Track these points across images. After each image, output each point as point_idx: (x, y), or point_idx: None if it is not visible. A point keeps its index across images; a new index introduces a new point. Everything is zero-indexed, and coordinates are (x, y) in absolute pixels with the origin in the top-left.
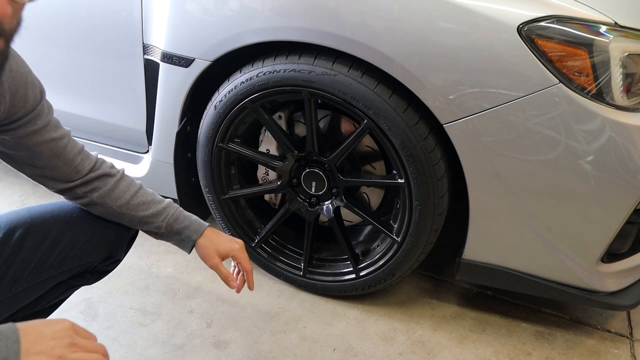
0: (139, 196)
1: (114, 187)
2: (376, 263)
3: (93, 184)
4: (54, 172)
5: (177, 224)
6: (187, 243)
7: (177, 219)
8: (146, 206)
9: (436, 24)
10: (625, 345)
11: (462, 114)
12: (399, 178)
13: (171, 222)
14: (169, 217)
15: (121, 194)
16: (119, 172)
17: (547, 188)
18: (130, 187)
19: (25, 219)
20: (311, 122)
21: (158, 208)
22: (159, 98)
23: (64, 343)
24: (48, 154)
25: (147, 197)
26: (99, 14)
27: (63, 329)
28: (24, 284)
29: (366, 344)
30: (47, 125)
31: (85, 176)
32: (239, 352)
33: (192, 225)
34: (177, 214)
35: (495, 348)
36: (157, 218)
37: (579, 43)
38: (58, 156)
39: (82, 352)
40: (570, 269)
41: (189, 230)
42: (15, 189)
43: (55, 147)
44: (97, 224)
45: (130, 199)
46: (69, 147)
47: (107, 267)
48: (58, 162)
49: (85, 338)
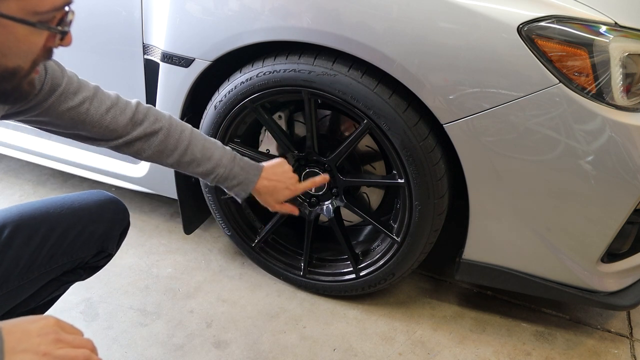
0: (189, 154)
1: (161, 148)
2: (376, 263)
3: (136, 145)
4: (89, 133)
5: (227, 182)
6: (236, 197)
7: (227, 178)
8: (196, 164)
9: (436, 24)
10: (625, 345)
11: (462, 114)
12: (399, 178)
13: (221, 182)
14: (218, 177)
15: (170, 152)
16: (162, 128)
17: (547, 188)
18: (178, 144)
19: (14, 216)
20: (311, 122)
21: (208, 166)
22: (159, 98)
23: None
24: (71, 123)
25: (197, 154)
26: (99, 14)
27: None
28: (15, 282)
29: (366, 344)
30: (60, 95)
31: (125, 136)
32: (239, 352)
33: (241, 184)
34: (227, 173)
35: (495, 348)
36: (208, 176)
37: (579, 43)
38: (83, 122)
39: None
40: (570, 269)
41: (237, 189)
42: (15, 189)
43: (75, 115)
44: (86, 219)
45: (180, 158)
46: (92, 111)
47: (99, 262)
48: (85, 126)
49: (71, 334)
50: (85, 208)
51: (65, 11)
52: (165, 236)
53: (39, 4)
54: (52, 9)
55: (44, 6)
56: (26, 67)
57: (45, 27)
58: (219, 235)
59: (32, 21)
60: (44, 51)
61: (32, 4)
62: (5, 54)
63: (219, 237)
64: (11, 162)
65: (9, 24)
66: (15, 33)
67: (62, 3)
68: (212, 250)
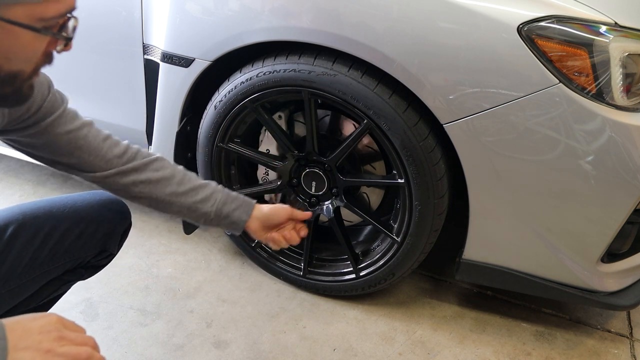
0: (185, 182)
1: (156, 178)
2: (376, 263)
3: (132, 176)
4: (81, 163)
5: (226, 207)
6: (237, 225)
7: (225, 202)
8: (195, 192)
9: (436, 24)
10: (625, 345)
11: (462, 114)
12: (399, 178)
13: (220, 207)
14: (217, 202)
15: (165, 183)
16: (156, 160)
17: (547, 188)
18: (174, 174)
19: (17, 216)
20: (311, 122)
21: (206, 193)
22: (159, 98)
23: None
24: (67, 147)
25: (192, 183)
26: (99, 13)
27: (50, 323)
28: (17, 281)
29: (366, 344)
30: (60, 116)
31: (120, 166)
32: (239, 352)
33: (241, 206)
34: (225, 198)
35: (495, 348)
36: (207, 203)
37: (579, 43)
38: (80, 147)
39: (70, 345)
40: (570, 269)
41: (238, 212)
42: (15, 189)
43: (73, 139)
44: (88, 218)
45: (176, 188)
46: (91, 137)
47: (100, 262)
48: (81, 154)
49: (74, 331)
50: (88, 208)
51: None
52: (165, 236)
53: (45, 11)
54: (56, 16)
55: (48, 13)
56: (28, 71)
57: (49, 33)
58: (219, 235)
59: (38, 27)
60: (45, 56)
61: (38, 11)
62: (10, 59)
63: (219, 237)
64: (11, 162)
65: (16, 29)
66: (21, 39)
67: (66, 10)
68: (212, 250)
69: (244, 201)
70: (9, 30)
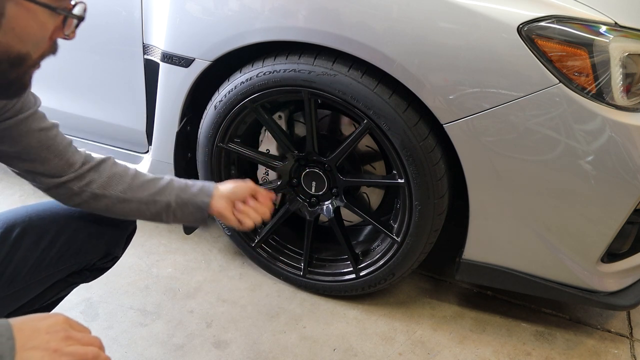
0: (139, 177)
1: (111, 174)
2: (376, 263)
3: (88, 177)
4: (45, 166)
5: (186, 193)
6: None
7: (183, 188)
8: (149, 184)
9: (436, 24)
10: (625, 345)
11: (462, 114)
12: (399, 178)
13: (179, 193)
14: (175, 189)
15: (120, 178)
16: (109, 159)
17: (547, 188)
18: (127, 170)
19: (23, 217)
20: (311, 122)
21: (162, 183)
22: (159, 98)
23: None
24: (37, 146)
25: (147, 176)
26: (99, 13)
27: (57, 323)
28: (22, 283)
29: (366, 344)
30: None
31: (78, 169)
32: (239, 352)
33: (201, 189)
34: (183, 184)
35: (495, 348)
36: (164, 193)
37: (579, 43)
38: (48, 148)
39: (77, 345)
40: (570, 269)
41: (200, 195)
42: (15, 189)
43: (44, 138)
44: (94, 221)
45: (131, 181)
46: (59, 139)
47: (105, 265)
48: (48, 155)
49: (80, 331)
50: None
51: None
52: (165, 236)
53: None
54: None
55: None
56: (35, 56)
57: (65, 12)
58: (219, 235)
59: (54, 6)
60: (50, 42)
61: None
62: (23, 40)
63: (219, 237)
64: None
65: (34, 7)
66: (37, 18)
67: None
68: (212, 250)
69: (203, 184)
70: (28, 9)
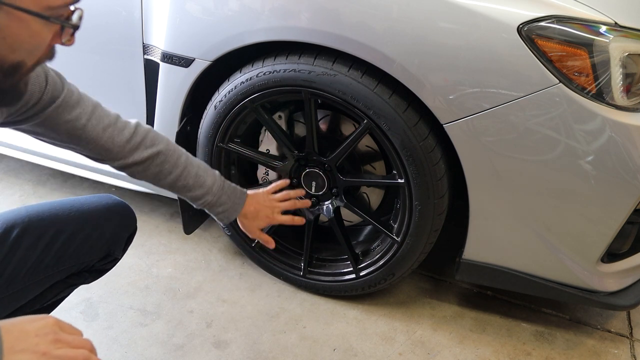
0: (182, 179)
1: (156, 171)
2: (376, 263)
3: (133, 169)
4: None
5: (214, 209)
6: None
7: (213, 205)
8: (187, 189)
9: (436, 24)
10: (625, 345)
11: (462, 114)
12: (399, 178)
13: (207, 208)
14: (205, 204)
15: (164, 177)
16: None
17: (547, 188)
18: (173, 169)
19: (23, 218)
20: (311, 122)
21: (198, 193)
22: (159, 98)
23: (48, 339)
24: (67, 137)
25: (189, 180)
26: (99, 13)
27: (47, 325)
28: (21, 284)
29: (366, 344)
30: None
31: (121, 159)
32: (239, 352)
33: (227, 211)
34: (214, 201)
35: (495, 348)
36: (196, 202)
37: (579, 43)
38: (79, 137)
39: (67, 348)
40: (570, 269)
41: (223, 215)
42: (15, 189)
43: (71, 129)
44: (94, 222)
45: (173, 182)
46: (89, 127)
47: (105, 266)
48: (81, 142)
49: (71, 334)
50: (94, 212)
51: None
52: (165, 236)
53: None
54: (63, 5)
55: (56, 2)
56: (29, 64)
57: (59, 21)
58: (219, 235)
59: (47, 15)
60: (48, 49)
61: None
62: (15, 49)
63: (219, 237)
64: (11, 162)
65: (26, 18)
66: (30, 27)
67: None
68: (212, 250)
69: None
70: (20, 19)
